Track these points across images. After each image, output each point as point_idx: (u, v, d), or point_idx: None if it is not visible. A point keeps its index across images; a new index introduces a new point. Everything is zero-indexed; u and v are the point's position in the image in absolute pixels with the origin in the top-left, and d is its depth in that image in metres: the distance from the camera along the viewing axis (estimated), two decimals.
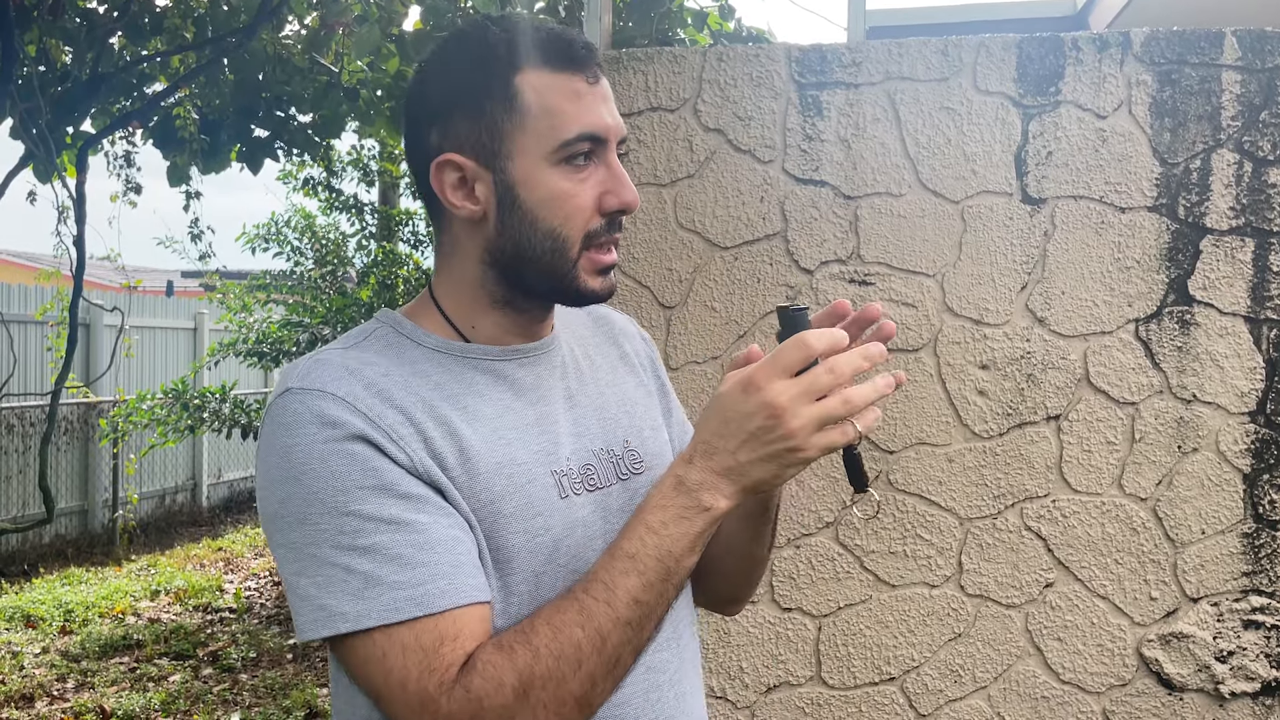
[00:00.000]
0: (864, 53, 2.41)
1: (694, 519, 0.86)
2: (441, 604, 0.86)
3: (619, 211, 0.98)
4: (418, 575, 0.86)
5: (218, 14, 4.55)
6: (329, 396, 0.90)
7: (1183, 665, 2.33)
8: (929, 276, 2.39)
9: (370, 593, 0.85)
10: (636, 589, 0.85)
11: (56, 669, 5.14)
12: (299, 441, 0.89)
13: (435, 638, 0.85)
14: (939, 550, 2.38)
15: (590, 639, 0.84)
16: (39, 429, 7.70)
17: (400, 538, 0.87)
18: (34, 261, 14.05)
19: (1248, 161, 2.32)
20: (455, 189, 0.99)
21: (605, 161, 0.98)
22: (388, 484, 0.88)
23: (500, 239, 0.99)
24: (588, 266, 0.99)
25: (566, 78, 0.96)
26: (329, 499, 0.87)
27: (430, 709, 0.83)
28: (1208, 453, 2.32)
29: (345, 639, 0.87)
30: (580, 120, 0.96)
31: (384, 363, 0.96)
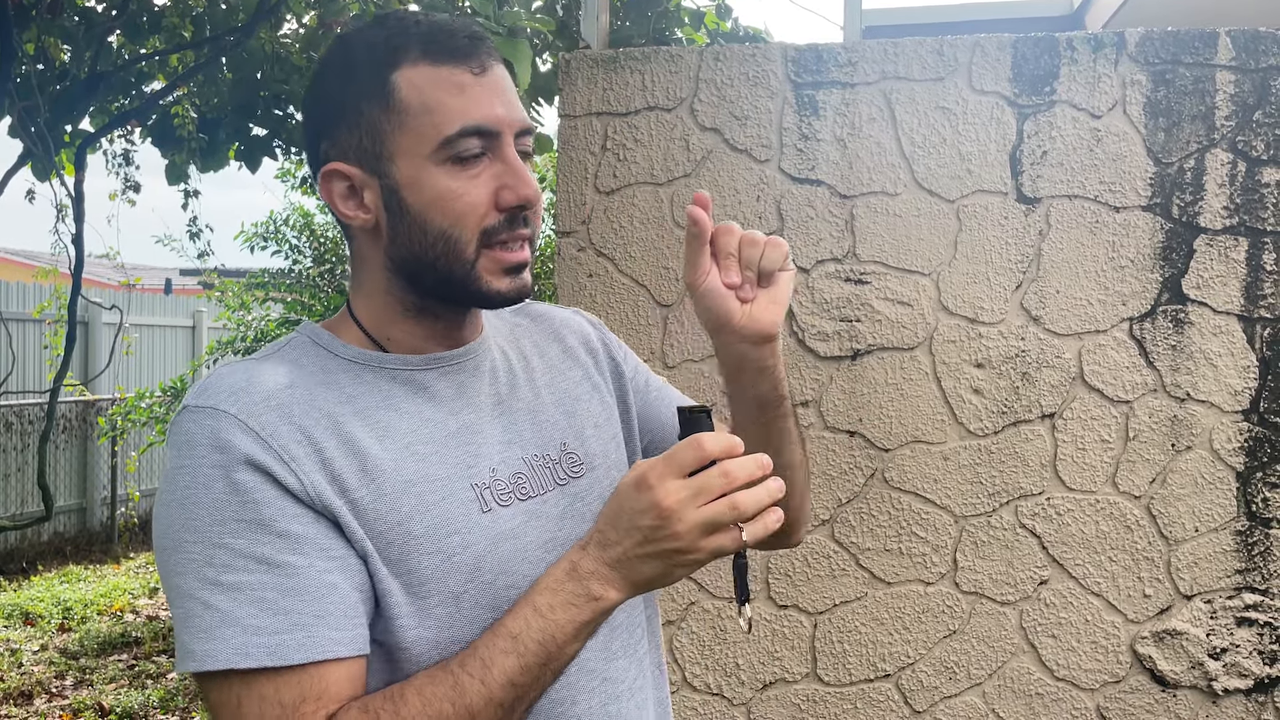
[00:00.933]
0: (860, 52, 2.42)
1: (581, 607, 0.84)
2: (296, 657, 0.81)
3: (518, 208, 0.93)
4: (277, 623, 0.82)
5: (216, 13, 4.56)
6: (222, 415, 0.86)
7: (1176, 662, 2.34)
8: (924, 275, 2.40)
9: (222, 632, 0.81)
10: (514, 671, 0.83)
11: (55, 666, 5.15)
12: (186, 464, 0.85)
13: (297, 694, 0.81)
14: (934, 548, 2.39)
15: (459, 716, 0.81)
16: (37, 427, 7.70)
17: (268, 579, 0.82)
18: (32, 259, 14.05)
19: (1241, 161, 2.33)
20: (345, 199, 0.95)
21: (500, 156, 0.93)
22: (266, 520, 0.84)
23: (395, 246, 0.94)
24: (490, 267, 0.93)
25: (447, 70, 0.91)
26: (204, 529, 0.83)
27: None
28: (1201, 451, 2.33)
29: (205, 678, 0.82)
30: (465, 114, 0.90)
31: (293, 376, 0.91)
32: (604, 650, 0.99)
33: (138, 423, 6.66)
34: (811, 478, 2.42)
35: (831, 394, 2.41)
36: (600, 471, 1.05)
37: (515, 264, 0.95)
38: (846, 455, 2.41)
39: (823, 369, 2.41)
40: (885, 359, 2.40)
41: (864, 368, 2.41)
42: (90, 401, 8.33)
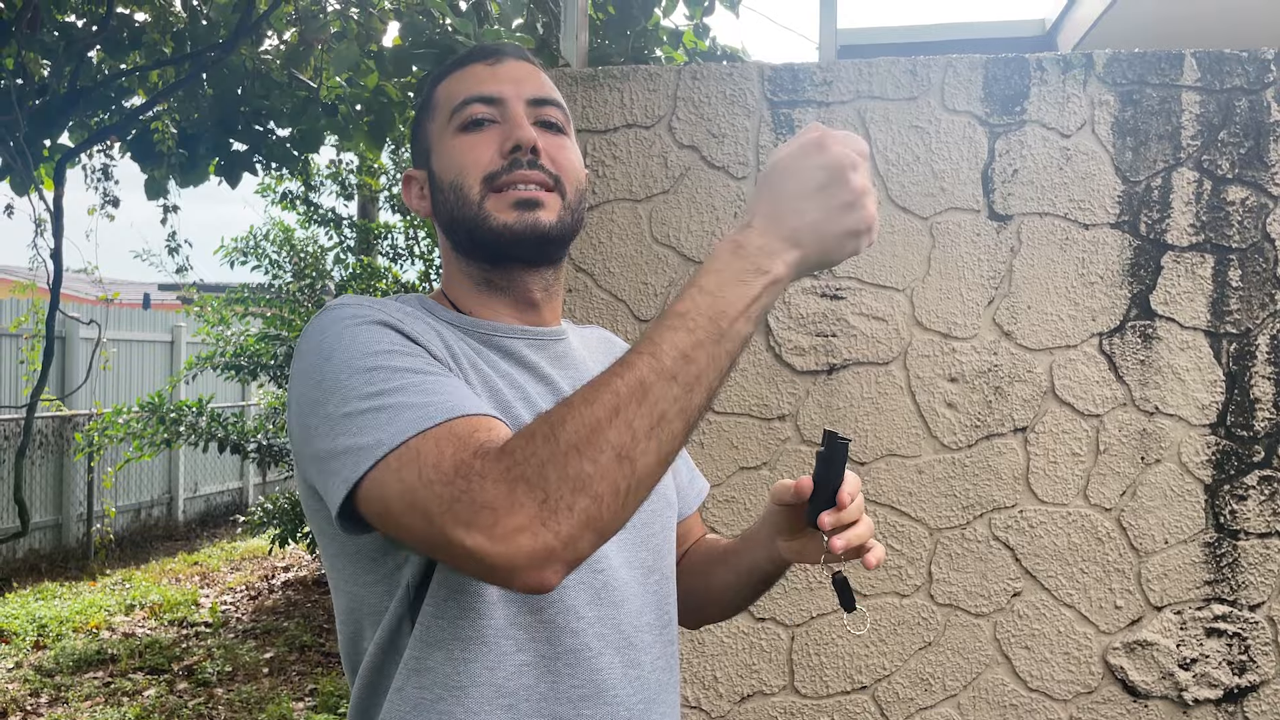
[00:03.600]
0: (835, 72, 2.46)
1: (751, 282, 0.83)
2: (473, 410, 0.86)
3: (514, 149, 1.02)
4: (446, 397, 0.86)
5: (197, 29, 4.57)
6: (363, 304, 0.97)
7: (1147, 673, 2.37)
8: (899, 291, 2.43)
9: (403, 415, 0.84)
10: (685, 344, 0.80)
11: (30, 684, 5.10)
12: (330, 329, 0.93)
13: (469, 428, 0.83)
14: (909, 560, 2.42)
15: (629, 386, 0.79)
16: (13, 442, 7.64)
17: (425, 379, 0.88)
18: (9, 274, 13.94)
19: (1207, 180, 2.38)
20: (417, 199, 1.12)
21: (506, 118, 1.05)
22: (410, 350, 0.92)
23: (438, 215, 1.08)
24: (496, 204, 1.02)
25: (466, 69, 1.08)
26: (357, 361, 0.89)
27: (464, 473, 0.80)
28: (1170, 464, 2.37)
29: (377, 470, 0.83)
30: (470, 89, 1.06)
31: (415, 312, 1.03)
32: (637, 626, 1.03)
33: (115, 438, 6.61)
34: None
35: (808, 408, 2.44)
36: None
37: (520, 200, 1.02)
38: None
39: (799, 383, 2.44)
40: (860, 373, 2.43)
41: (839, 382, 2.44)
42: (67, 417, 8.27)
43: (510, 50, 1.10)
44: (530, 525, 0.77)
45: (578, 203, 1.07)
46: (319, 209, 7.13)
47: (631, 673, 1.01)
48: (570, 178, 1.06)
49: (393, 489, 0.82)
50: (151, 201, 5.11)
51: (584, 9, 2.85)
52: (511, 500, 0.77)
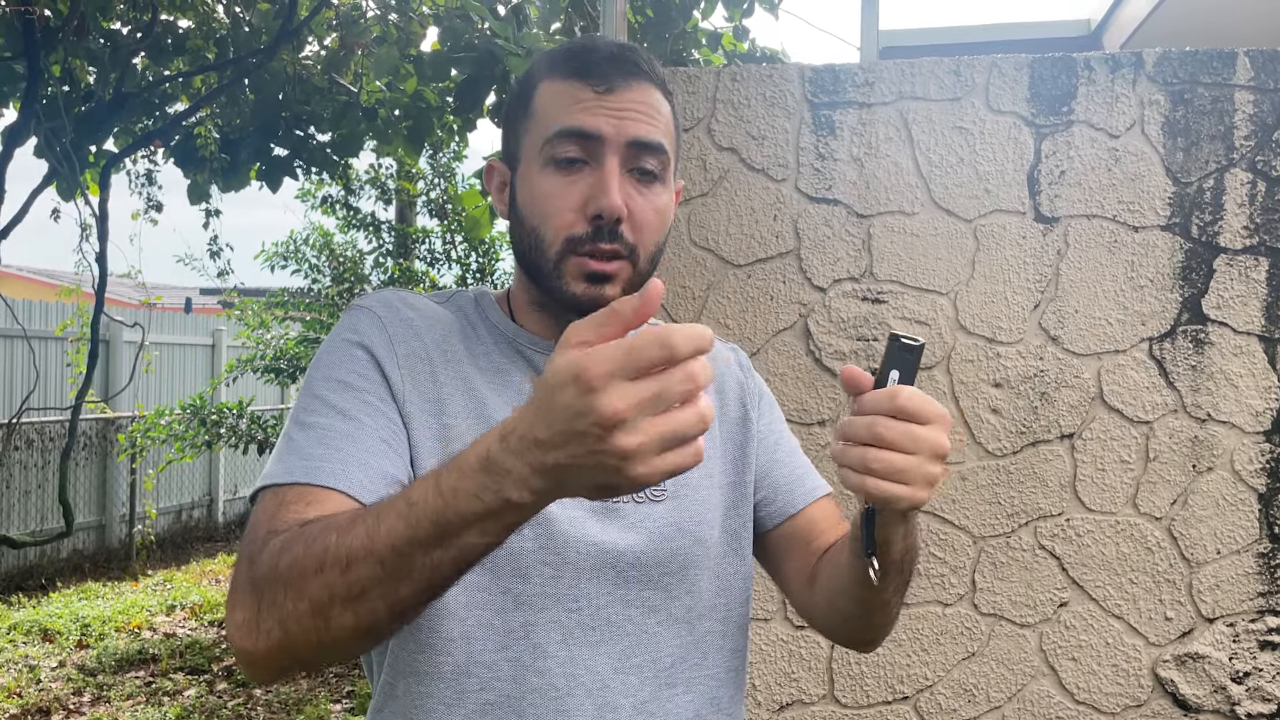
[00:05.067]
0: (876, 72, 2.42)
1: (488, 503, 0.71)
2: (322, 480, 0.89)
3: (597, 217, 0.95)
4: (322, 455, 0.90)
5: (239, 35, 4.62)
6: (368, 311, 1.01)
7: (1198, 686, 2.31)
8: (942, 294, 2.39)
9: (288, 459, 0.91)
10: (400, 538, 0.73)
11: (73, 683, 5.16)
12: (332, 336, 1.01)
13: (295, 496, 0.88)
14: (952, 569, 2.38)
15: (339, 553, 0.75)
16: (58, 444, 7.76)
17: (335, 425, 0.93)
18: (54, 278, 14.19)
19: (1261, 181, 2.32)
20: (497, 192, 1.08)
21: (599, 166, 0.96)
22: (358, 387, 0.95)
23: (512, 236, 1.05)
24: (573, 270, 0.97)
25: (572, 85, 0.98)
26: (314, 383, 0.96)
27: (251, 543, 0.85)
28: (1222, 472, 2.31)
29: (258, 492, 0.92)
30: (566, 119, 0.96)
31: (446, 316, 1.04)
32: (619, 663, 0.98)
33: (157, 440, 6.69)
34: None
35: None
36: (684, 500, 1.04)
37: (596, 272, 0.97)
38: None
39: (840, 388, 2.41)
40: None
41: None
42: (110, 419, 8.39)
43: (624, 69, 0.98)
44: (244, 625, 0.81)
45: (650, 265, 1.01)
46: (358, 213, 7.18)
47: (608, 716, 0.96)
48: (648, 243, 0.99)
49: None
50: (194, 206, 5.17)
51: (622, 12, 2.84)
52: (242, 597, 0.82)
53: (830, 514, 1.15)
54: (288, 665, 0.82)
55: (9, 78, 4.23)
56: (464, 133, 5.20)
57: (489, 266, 6.97)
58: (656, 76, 1.01)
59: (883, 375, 0.85)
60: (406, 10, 4.34)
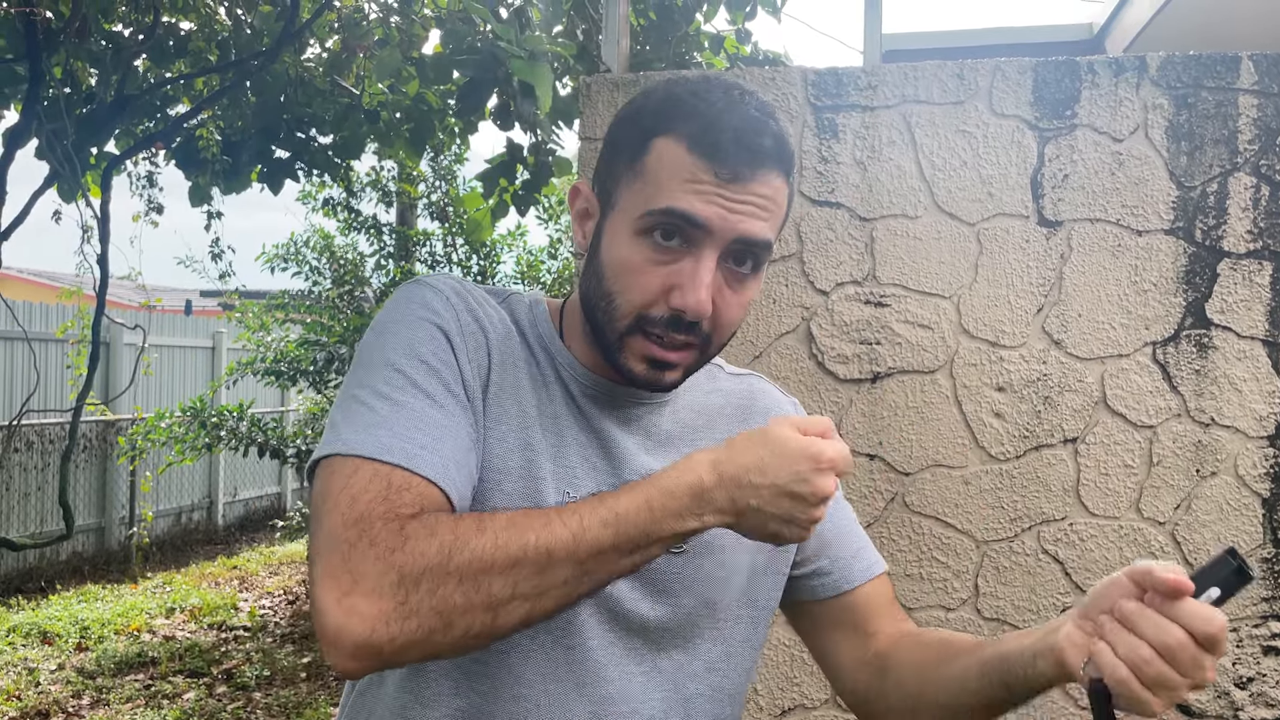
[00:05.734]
0: (879, 76, 2.42)
1: (690, 524, 0.84)
2: (427, 473, 0.86)
3: (679, 311, 0.91)
4: (421, 441, 0.87)
5: (241, 37, 4.62)
6: (439, 293, 0.97)
7: (1201, 692, 2.31)
8: (945, 298, 2.39)
9: (377, 431, 0.87)
10: (604, 544, 0.82)
11: (72, 685, 5.16)
12: (398, 307, 0.96)
13: (404, 484, 0.84)
14: (955, 573, 2.37)
15: (539, 553, 0.80)
16: (58, 446, 7.75)
17: (428, 411, 0.89)
18: (55, 280, 14.19)
19: (1265, 185, 2.32)
20: (580, 218, 1.02)
21: (697, 256, 0.90)
22: (441, 372, 0.92)
23: (584, 279, 0.99)
24: (635, 348, 0.94)
25: (697, 162, 0.90)
26: (392, 354, 0.92)
27: (363, 527, 0.81)
28: (1226, 477, 2.31)
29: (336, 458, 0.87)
30: (676, 199, 0.89)
31: (502, 315, 1.01)
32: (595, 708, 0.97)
33: (157, 443, 6.69)
34: None
35: (851, 417, 2.40)
36: (703, 560, 1.02)
37: (658, 359, 0.94)
38: (866, 479, 2.40)
39: (842, 392, 2.40)
40: (905, 382, 2.39)
41: (884, 390, 2.39)
42: (110, 421, 8.38)
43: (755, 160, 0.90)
44: (374, 617, 0.78)
45: (718, 351, 0.99)
46: (359, 216, 7.19)
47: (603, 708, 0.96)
48: (725, 334, 0.96)
49: (323, 482, 0.86)
50: (195, 208, 5.17)
51: (625, 15, 2.83)
52: (377, 584, 0.78)
53: (885, 593, 1.13)
54: (418, 656, 0.81)
55: (11, 79, 4.23)
56: (465, 135, 5.20)
57: (490, 269, 6.97)
58: (785, 159, 0.93)
59: (1203, 584, 0.79)
60: (409, 13, 4.34)
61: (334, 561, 0.80)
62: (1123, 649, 0.78)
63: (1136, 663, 0.77)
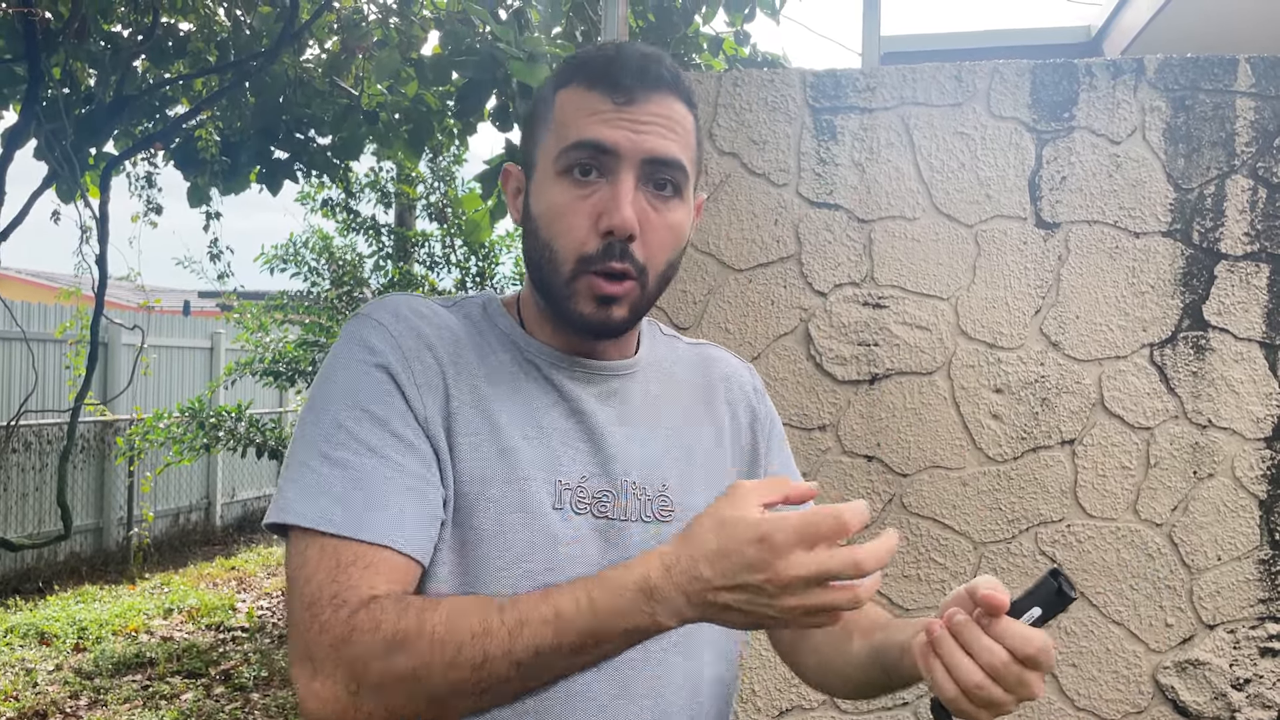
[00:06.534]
0: (878, 78, 2.43)
1: (639, 623, 0.79)
2: (371, 537, 0.87)
3: (609, 233, 0.93)
4: (366, 502, 0.88)
5: (240, 38, 4.62)
6: (379, 326, 0.95)
7: (1199, 693, 2.31)
8: (943, 300, 2.39)
9: (319, 499, 0.88)
10: (545, 645, 0.79)
11: (70, 686, 5.15)
12: (340, 353, 0.95)
13: (352, 557, 0.86)
14: (953, 574, 2.37)
15: (474, 652, 0.80)
16: (56, 446, 7.75)
17: (370, 464, 0.89)
18: (53, 281, 14.18)
19: (1262, 187, 2.32)
20: (512, 197, 1.05)
21: (614, 180, 0.94)
22: (384, 418, 0.91)
23: (524, 245, 1.02)
24: (584, 290, 0.95)
25: (593, 95, 0.95)
26: (334, 406, 0.92)
27: (314, 611, 0.84)
28: (1223, 478, 2.31)
29: (291, 529, 0.89)
30: (585, 131, 0.94)
31: (454, 324, 1.00)
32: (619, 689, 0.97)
33: (155, 443, 6.69)
34: (829, 502, 2.41)
35: (849, 418, 2.40)
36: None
37: (606, 294, 0.95)
38: (864, 480, 2.40)
39: (840, 393, 2.41)
40: (903, 383, 2.39)
41: (882, 392, 2.40)
42: (108, 421, 8.38)
43: (646, 81, 0.95)
44: (333, 701, 0.83)
45: (660, 284, 1.00)
46: (358, 216, 7.19)
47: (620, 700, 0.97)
48: (659, 263, 0.98)
49: (287, 553, 0.90)
50: (193, 209, 5.17)
51: (624, 17, 2.84)
52: (330, 672, 0.83)
53: None
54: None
55: (10, 80, 4.23)
56: (464, 136, 5.20)
57: (489, 270, 6.97)
58: (681, 87, 0.98)
59: (1025, 604, 0.83)
60: (408, 14, 4.34)
61: (298, 644, 0.85)
62: (952, 667, 0.82)
63: (964, 681, 0.80)
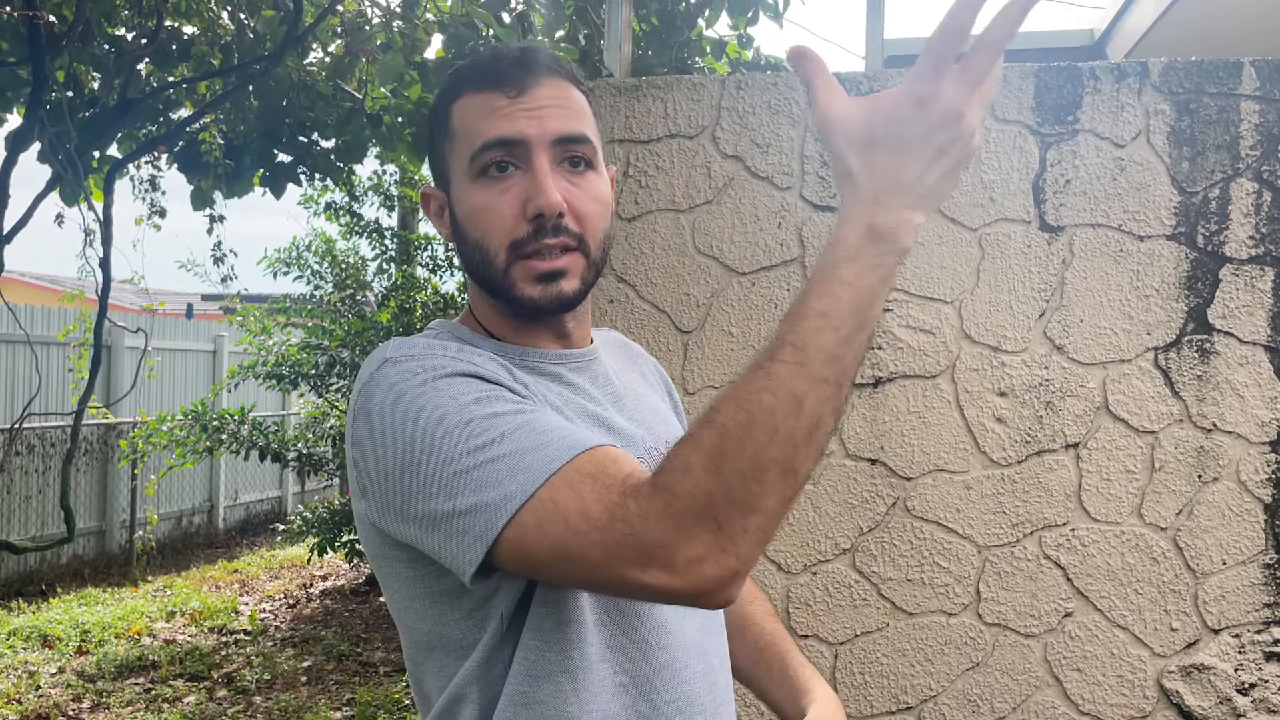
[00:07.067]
0: (882, 81, 2.42)
1: (889, 264, 0.79)
2: (591, 442, 0.85)
3: (538, 216, 0.96)
4: (558, 434, 0.85)
5: (244, 41, 4.62)
6: (427, 355, 0.93)
7: (1204, 697, 2.30)
8: (947, 303, 2.39)
9: (523, 464, 0.83)
10: (832, 344, 0.78)
11: (72, 689, 5.15)
12: (407, 389, 0.90)
13: (597, 466, 0.82)
14: (957, 578, 2.37)
15: (785, 402, 0.77)
16: (59, 449, 7.75)
17: (529, 418, 0.87)
18: (57, 284, 14.20)
19: (1267, 191, 2.32)
20: (436, 217, 1.08)
21: (529, 168, 0.98)
22: (498, 394, 0.90)
23: (459, 256, 1.05)
24: (522, 275, 0.98)
25: (486, 96, 0.99)
26: (450, 418, 0.87)
27: (620, 516, 0.78)
28: (1228, 482, 2.31)
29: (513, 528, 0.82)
30: (488, 131, 0.98)
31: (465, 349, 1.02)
32: (703, 630, 1.04)
33: (158, 446, 6.69)
34: (831, 504, 2.40)
35: (853, 421, 2.40)
36: None
37: (545, 272, 0.98)
38: (868, 483, 2.40)
39: None
40: (907, 387, 2.39)
41: (886, 395, 2.39)
42: (111, 424, 8.38)
43: (532, 70, 0.99)
44: (709, 554, 0.77)
45: (602, 251, 1.02)
46: (361, 220, 7.19)
47: (710, 678, 1.04)
48: (594, 228, 1.00)
49: (538, 543, 0.82)
50: (196, 212, 5.18)
51: (627, 20, 2.84)
52: (684, 535, 0.77)
53: None
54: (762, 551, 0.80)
55: (14, 82, 4.24)
56: None
57: None
58: (564, 71, 1.03)
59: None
60: (412, 17, 4.34)
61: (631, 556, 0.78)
62: None
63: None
